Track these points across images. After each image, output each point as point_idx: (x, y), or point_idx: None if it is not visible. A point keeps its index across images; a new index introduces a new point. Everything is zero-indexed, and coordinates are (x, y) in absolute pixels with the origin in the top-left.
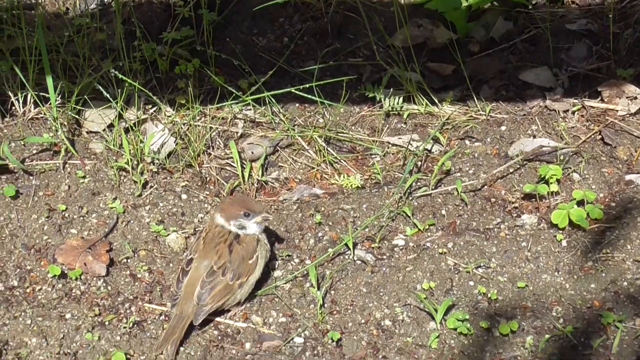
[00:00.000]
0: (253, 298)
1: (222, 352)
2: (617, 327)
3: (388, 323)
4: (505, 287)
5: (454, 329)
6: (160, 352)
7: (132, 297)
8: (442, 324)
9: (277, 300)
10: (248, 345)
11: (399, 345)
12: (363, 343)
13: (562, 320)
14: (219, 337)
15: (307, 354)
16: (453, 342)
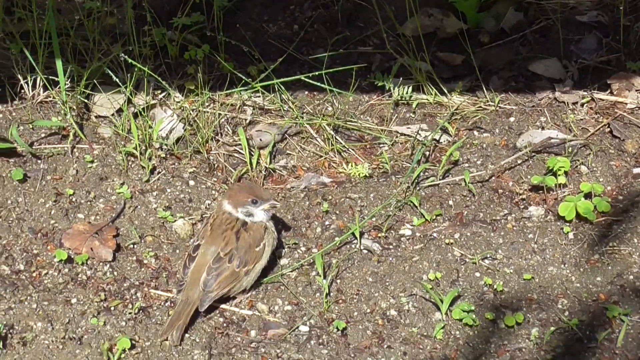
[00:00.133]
0: (259, 286)
1: (227, 339)
2: (622, 320)
3: (393, 313)
4: (511, 278)
5: (460, 320)
6: (166, 337)
7: (138, 282)
8: (447, 315)
9: (282, 289)
10: (253, 333)
11: (404, 336)
12: (368, 332)
13: (567, 313)
14: (225, 324)
15: (312, 343)
16: (458, 332)
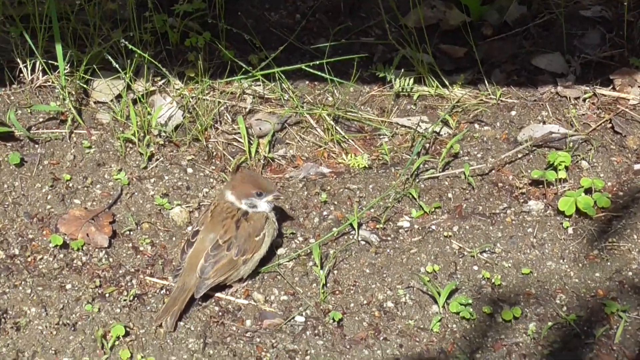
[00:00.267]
0: (256, 275)
1: (222, 328)
2: (620, 316)
3: (390, 305)
4: (510, 272)
5: (457, 313)
6: (160, 323)
7: (133, 269)
8: (444, 308)
9: (279, 278)
10: (249, 323)
11: (401, 328)
12: (364, 324)
13: (565, 308)
14: (220, 313)
15: (307, 333)
16: (455, 326)
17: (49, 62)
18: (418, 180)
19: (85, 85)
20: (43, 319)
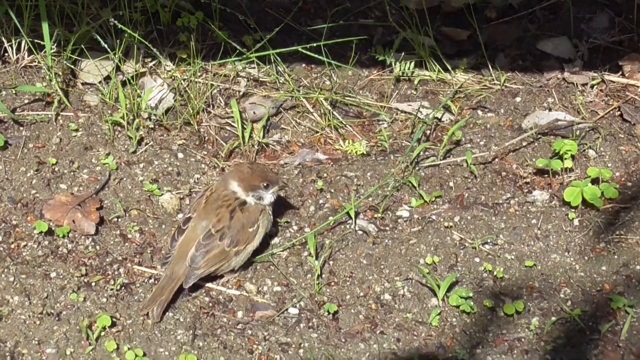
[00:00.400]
0: (248, 266)
1: (212, 319)
2: (627, 312)
3: (388, 297)
4: (512, 265)
5: (457, 307)
6: (146, 312)
7: (121, 258)
8: (444, 301)
9: (272, 268)
10: (240, 314)
11: (398, 321)
12: (360, 317)
13: (570, 303)
14: (210, 303)
15: (301, 326)
16: (455, 320)
17: (35, 41)
18: (418, 168)
19: (73, 66)
20: (26, 308)
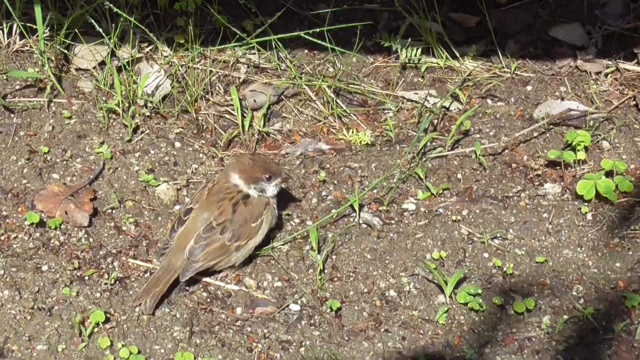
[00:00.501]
0: (248, 263)
1: (210, 315)
2: None
3: (393, 294)
4: (523, 261)
5: (465, 304)
6: (138, 303)
7: (115, 251)
8: (451, 298)
9: (273, 263)
10: (239, 310)
11: (404, 319)
12: (364, 314)
13: (582, 301)
14: (208, 299)
15: (302, 323)
16: (463, 318)
17: (27, 25)
18: (425, 159)
19: (66, 51)
20: (17, 303)
